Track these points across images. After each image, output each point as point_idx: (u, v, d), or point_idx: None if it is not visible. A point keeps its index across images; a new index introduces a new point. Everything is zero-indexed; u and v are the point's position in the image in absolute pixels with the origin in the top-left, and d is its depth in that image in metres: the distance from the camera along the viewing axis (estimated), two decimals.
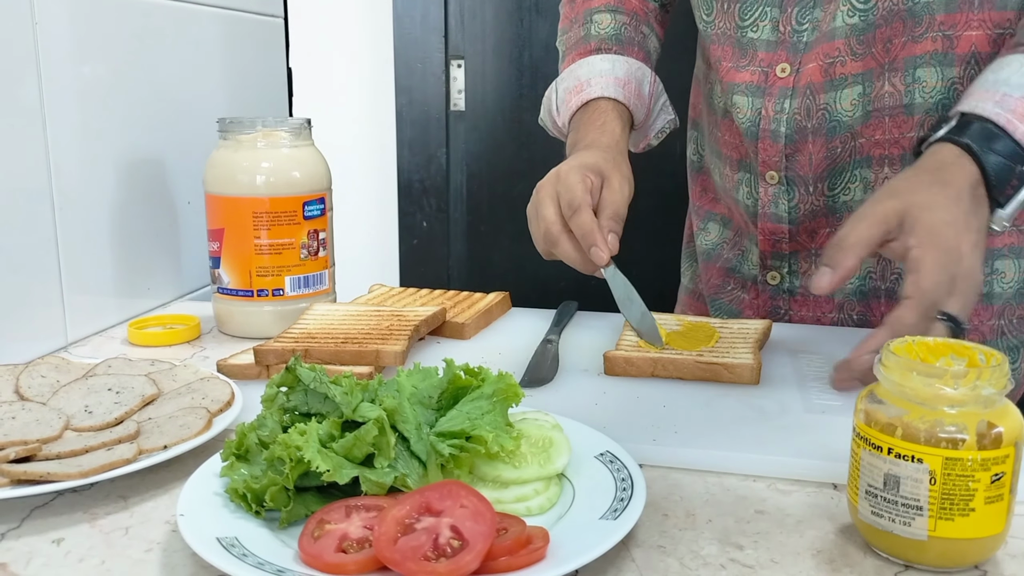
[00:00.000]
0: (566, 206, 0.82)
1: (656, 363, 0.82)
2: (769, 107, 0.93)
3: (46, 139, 0.93)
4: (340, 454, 0.55)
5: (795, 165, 0.95)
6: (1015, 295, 0.95)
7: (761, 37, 0.93)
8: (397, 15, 2.09)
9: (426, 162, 2.15)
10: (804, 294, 1.01)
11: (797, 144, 0.94)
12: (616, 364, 0.82)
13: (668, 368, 0.81)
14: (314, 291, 0.99)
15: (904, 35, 0.87)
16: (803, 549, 0.55)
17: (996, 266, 0.93)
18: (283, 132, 0.97)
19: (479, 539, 0.49)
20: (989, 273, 0.93)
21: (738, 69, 0.95)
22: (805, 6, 0.90)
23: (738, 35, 0.94)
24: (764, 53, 0.93)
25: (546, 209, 0.84)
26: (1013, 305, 0.95)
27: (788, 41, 0.91)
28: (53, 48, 0.93)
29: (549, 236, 0.84)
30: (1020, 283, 0.94)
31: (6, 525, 0.58)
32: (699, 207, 1.14)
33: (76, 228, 0.98)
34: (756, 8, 0.92)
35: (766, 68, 0.93)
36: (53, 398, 0.71)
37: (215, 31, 1.26)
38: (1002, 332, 0.96)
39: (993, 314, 0.95)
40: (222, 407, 0.71)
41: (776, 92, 0.93)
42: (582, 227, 0.81)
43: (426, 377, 0.62)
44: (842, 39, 0.88)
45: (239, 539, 0.52)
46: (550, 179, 0.86)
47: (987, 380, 0.51)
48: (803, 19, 0.90)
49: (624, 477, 0.58)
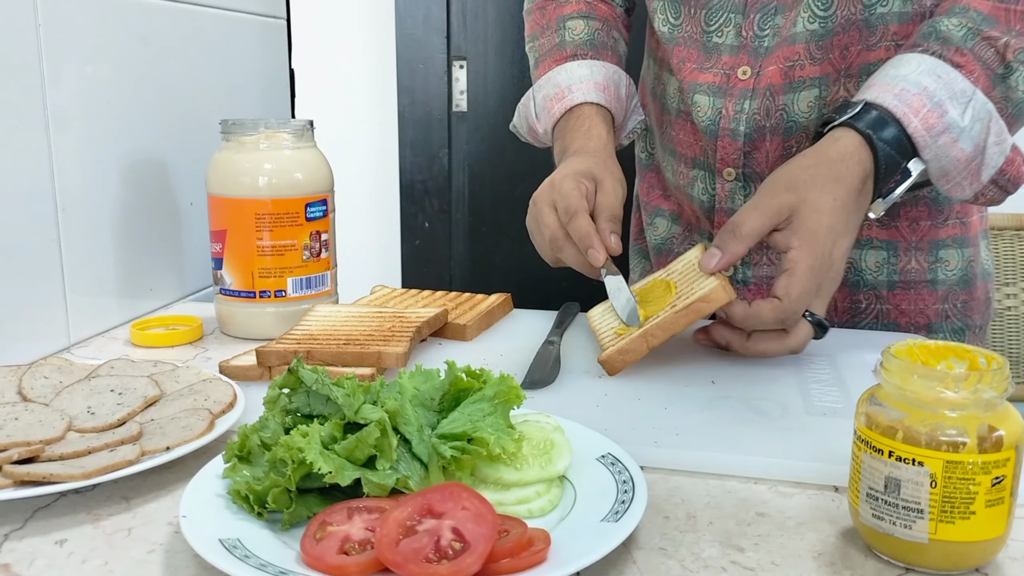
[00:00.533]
0: (563, 212, 0.85)
1: (645, 336, 0.80)
2: (729, 107, 0.97)
3: (49, 140, 0.93)
4: (342, 456, 0.56)
5: (752, 162, 0.99)
6: (958, 281, 1.01)
7: (725, 42, 0.97)
8: (399, 16, 2.09)
9: (428, 163, 2.16)
10: (758, 283, 1.04)
11: (755, 142, 0.97)
12: (614, 362, 0.82)
13: (657, 334, 0.80)
14: (316, 292, 0.99)
15: (860, 43, 0.91)
16: (804, 552, 0.55)
17: (940, 255, 0.99)
18: (285, 133, 0.97)
19: (480, 541, 0.49)
20: (934, 262, 0.99)
21: (701, 70, 0.99)
22: (767, 13, 0.93)
23: (703, 39, 0.98)
24: (727, 57, 0.97)
25: (547, 217, 0.87)
26: (957, 291, 1.01)
27: (750, 46, 0.95)
28: (57, 49, 0.94)
29: (555, 243, 0.87)
30: (963, 271, 1.01)
31: (9, 526, 0.58)
32: (646, 203, 1.16)
33: (79, 229, 0.98)
34: (721, 15, 0.96)
35: (728, 71, 0.97)
36: (56, 399, 0.71)
37: (217, 32, 1.26)
38: (947, 316, 1.01)
39: (937, 299, 1.00)
40: (224, 408, 0.71)
41: (737, 93, 0.96)
42: (579, 231, 0.84)
43: (428, 379, 0.62)
44: (802, 44, 0.92)
45: (241, 540, 0.52)
46: (545, 189, 0.89)
47: (988, 383, 0.51)
48: (764, 25, 0.94)
49: (625, 479, 0.58)
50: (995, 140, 0.83)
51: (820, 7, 0.91)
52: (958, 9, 0.83)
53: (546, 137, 1.04)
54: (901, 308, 1.00)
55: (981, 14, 0.82)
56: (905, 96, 0.80)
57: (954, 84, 0.80)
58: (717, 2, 0.96)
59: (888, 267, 0.99)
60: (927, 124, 0.80)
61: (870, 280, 1.00)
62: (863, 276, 1.00)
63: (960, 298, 1.01)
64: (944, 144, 0.81)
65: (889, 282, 1.00)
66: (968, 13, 0.82)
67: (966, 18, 0.82)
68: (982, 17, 0.82)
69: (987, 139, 0.82)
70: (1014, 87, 0.82)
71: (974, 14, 0.82)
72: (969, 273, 1.01)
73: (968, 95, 0.81)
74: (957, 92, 0.80)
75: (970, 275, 1.01)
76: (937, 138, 0.80)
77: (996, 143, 0.83)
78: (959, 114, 0.80)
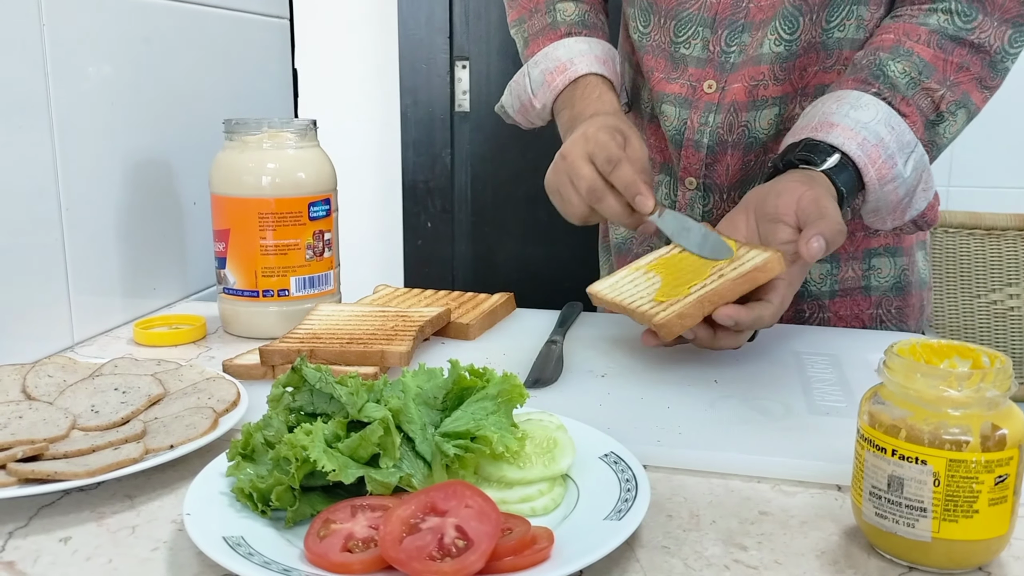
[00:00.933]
0: (604, 162, 0.84)
1: (702, 302, 0.78)
2: (694, 119, 0.99)
3: (53, 140, 0.94)
4: (345, 454, 0.56)
5: (713, 174, 1.01)
6: (891, 288, 1.05)
7: (692, 54, 0.98)
8: (402, 16, 2.09)
9: (431, 163, 2.16)
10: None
11: (717, 155, 1.00)
12: (672, 326, 0.78)
13: (714, 300, 0.78)
14: (319, 291, 0.99)
15: (818, 64, 0.96)
16: (807, 550, 0.55)
17: (873, 263, 1.04)
18: (289, 133, 0.97)
19: (484, 539, 0.49)
20: (867, 269, 1.04)
21: (669, 81, 1.01)
22: (735, 30, 0.95)
23: (671, 50, 1.00)
24: (694, 69, 0.99)
25: (582, 169, 0.85)
26: (891, 297, 1.06)
27: (716, 60, 0.97)
28: (60, 49, 0.94)
29: (593, 194, 0.84)
30: (895, 278, 1.05)
31: (14, 524, 0.58)
32: None
33: (83, 228, 0.98)
34: (690, 27, 0.98)
35: (695, 83, 0.99)
36: (60, 398, 0.71)
37: (221, 32, 1.26)
38: (881, 320, 1.06)
39: (871, 304, 1.05)
40: (228, 407, 0.71)
41: (702, 106, 0.99)
42: (624, 179, 0.83)
43: (431, 377, 0.62)
44: (767, 64, 0.95)
45: (245, 538, 0.52)
46: (577, 142, 0.87)
47: (991, 382, 0.51)
48: (732, 42, 0.96)
49: (628, 478, 0.58)
50: (923, 187, 0.91)
51: (786, 31, 0.94)
52: (903, 52, 0.89)
53: (542, 113, 1.05)
54: (839, 314, 1.04)
55: (923, 61, 0.88)
56: (866, 147, 0.85)
57: (903, 136, 0.86)
58: (686, 14, 0.97)
59: (831, 278, 1.04)
60: (880, 174, 0.86)
61: (814, 291, 1.04)
62: (807, 287, 1.04)
63: (894, 304, 1.06)
64: (887, 191, 0.87)
65: (831, 291, 1.04)
66: (912, 58, 0.88)
67: (910, 64, 0.88)
68: (924, 64, 0.88)
69: (917, 186, 0.90)
70: (941, 134, 0.90)
71: (917, 60, 0.88)
72: (903, 281, 1.06)
73: (912, 147, 0.87)
74: (904, 143, 0.87)
75: (904, 283, 1.06)
76: (884, 186, 0.86)
77: (923, 189, 0.91)
78: (903, 164, 0.87)
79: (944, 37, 0.88)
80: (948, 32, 0.88)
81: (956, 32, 0.88)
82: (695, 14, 0.97)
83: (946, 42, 0.88)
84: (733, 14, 0.94)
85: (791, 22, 0.93)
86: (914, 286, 1.07)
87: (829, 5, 0.93)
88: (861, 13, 0.94)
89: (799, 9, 0.93)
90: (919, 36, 0.89)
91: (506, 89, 1.09)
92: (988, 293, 1.86)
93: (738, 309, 0.78)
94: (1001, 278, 1.85)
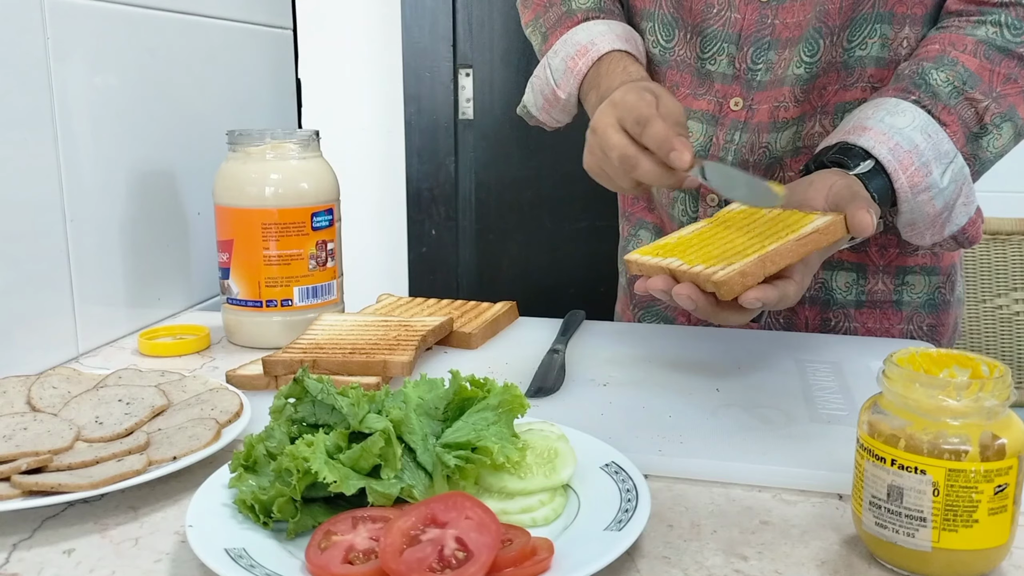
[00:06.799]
0: (634, 123, 0.77)
1: (764, 261, 0.74)
2: (720, 136, 0.98)
3: (57, 151, 0.94)
4: (347, 465, 0.56)
5: None
6: (924, 304, 1.03)
7: (718, 70, 0.97)
8: (406, 25, 2.10)
9: (435, 170, 2.16)
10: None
11: None
12: (733, 284, 0.73)
13: (776, 260, 0.74)
14: (322, 301, 1.00)
15: (837, 83, 0.95)
16: (807, 560, 0.55)
17: (907, 279, 1.02)
18: (292, 144, 0.98)
19: (484, 550, 0.49)
20: (900, 284, 1.02)
21: (696, 97, 0.99)
22: (760, 47, 0.94)
23: (697, 65, 0.98)
24: (720, 85, 0.97)
25: (612, 138, 0.79)
26: (923, 313, 1.03)
27: (743, 78, 0.96)
28: (64, 61, 0.95)
29: (627, 161, 0.78)
30: (929, 295, 1.03)
31: (18, 535, 0.59)
32: (631, 213, 1.16)
33: (87, 239, 0.99)
34: (715, 43, 0.96)
35: (721, 99, 0.98)
36: (64, 409, 0.72)
37: (224, 43, 1.27)
38: (912, 336, 1.03)
39: (902, 319, 1.03)
40: (231, 418, 0.71)
41: (728, 123, 0.97)
42: (656, 136, 0.76)
43: (432, 388, 0.62)
44: (789, 87, 0.94)
45: (247, 550, 0.52)
46: (605, 111, 0.81)
47: (990, 392, 0.51)
48: (758, 59, 0.94)
49: (629, 488, 0.58)
50: (964, 201, 0.88)
51: (807, 53, 0.93)
52: (947, 61, 0.86)
53: (568, 105, 1.01)
54: (868, 326, 1.03)
55: (968, 71, 0.86)
56: (898, 152, 0.82)
57: (941, 145, 0.84)
58: (711, 30, 0.95)
59: (857, 287, 1.02)
60: (912, 182, 0.83)
61: (840, 299, 1.02)
62: (833, 295, 1.02)
63: (926, 321, 1.03)
64: (922, 201, 0.84)
65: (857, 301, 1.02)
66: (956, 68, 0.86)
67: (953, 73, 0.86)
68: (968, 74, 0.85)
69: (957, 199, 0.87)
70: (984, 147, 0.87)
71: (961, 70, 0.86)
72: (937, 299, 1.03)
73: (950, 157, 0.84)
74: (942, 153, 0.84)
75: (938, 300, 1.03)
76: (918, 195, 0.84)
77: (964, 203, 0.88)
78: (940, 174, 0.84)
79: (992, 48, 0.86)
80: (996, 44, 0.86)
81: (1005, 44, 0.86)
82: (720, 30, 0.95)
83: (993, 53, 0.86)
84: (758, 31, 0.93)
85: (812, 44, 0.92)
86: (952, 305, 1.05)
87: (851, 25, 0.91)
88: (885, 32, 0.92)
89: (819, 31, 0.91)
90: (965, 46, 0.87)
91: (527, 87, 1.06)
92: (993, 298, 1.85)
93: (764, 289, 0.73)
94: (1006, 283, 1.84)
